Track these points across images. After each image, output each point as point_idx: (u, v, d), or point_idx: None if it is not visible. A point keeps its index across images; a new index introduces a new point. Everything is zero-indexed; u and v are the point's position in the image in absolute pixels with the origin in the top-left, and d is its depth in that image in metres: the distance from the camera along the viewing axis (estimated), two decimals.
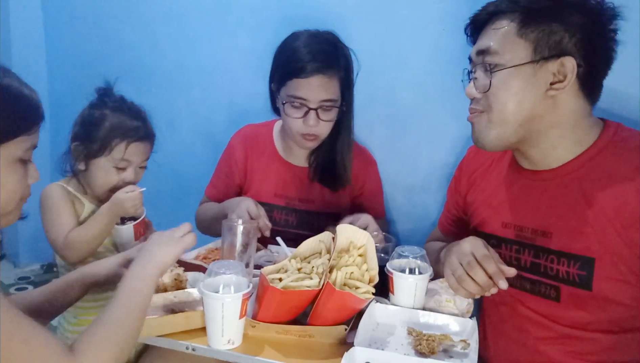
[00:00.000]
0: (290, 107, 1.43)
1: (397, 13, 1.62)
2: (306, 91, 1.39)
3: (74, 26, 2.39)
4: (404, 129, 1.68)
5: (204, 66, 2.06)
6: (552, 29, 0.99)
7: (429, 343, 0.95)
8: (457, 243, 1.09)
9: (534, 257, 1.09)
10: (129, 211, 1.33)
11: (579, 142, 1.05)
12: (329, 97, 1.41)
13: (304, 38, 1.43)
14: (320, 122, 1.42)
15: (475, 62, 1.08)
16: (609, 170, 1.01)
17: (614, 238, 0.98)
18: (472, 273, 1.02)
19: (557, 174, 1.07)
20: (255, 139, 1.63)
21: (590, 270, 1.00)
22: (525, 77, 1.01)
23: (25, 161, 0.87)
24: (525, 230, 1.11)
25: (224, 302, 0.91)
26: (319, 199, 1.59)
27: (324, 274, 1.01)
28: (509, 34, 1.02)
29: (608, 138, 1.04)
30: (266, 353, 0.95)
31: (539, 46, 1.00)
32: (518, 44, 1.01)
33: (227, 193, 1.63)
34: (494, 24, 1.05)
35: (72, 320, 1.41)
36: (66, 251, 1.32)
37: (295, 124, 1.44)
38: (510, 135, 1.05)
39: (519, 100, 1.01)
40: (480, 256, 1.02)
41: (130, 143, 1.35)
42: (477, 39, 1.09)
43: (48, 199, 1.35)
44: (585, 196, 1.02)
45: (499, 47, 1.02)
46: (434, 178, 1.67)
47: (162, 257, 0.94)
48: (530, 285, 1.10)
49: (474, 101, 1.09)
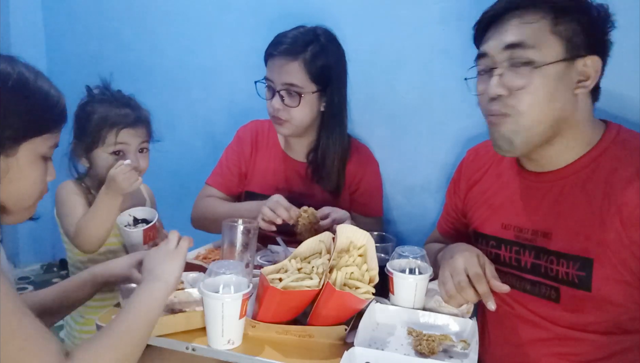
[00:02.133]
0: (265, 88, 1.52)
1: (396, 13, 1.62)
2: (271, 72, 1.47)
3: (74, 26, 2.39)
4: (404, 129, 1.68)
5: (204, 66, 2.06)
6: (581, 25, 0.98)
7: (429, 343, 0.95)
8: (452, 255, 1.08)
9: (534, 258, 1.09)
10: (124, 185, 1.31)
11: (586, 143, 1.04)
12: (291, 81, 1.44)
13: (298, 28, 1.49)
14: (285, 107, 1.46)
15: (498, 58, 1.01)
16: (611, 172, 1.01)
17: (614, 239, 0.97)
18: (463, 294, 1.02)
19: (559, 176, 1.06)
20: (262, 133, 1.66)
21: (589, 271, 0.99)
22: (558, 76, 0.97)
23: (46, 158, 0.92)
24: (525, 231, 1.11)
25: (224, 302, 0.91)
26: (319, 195, 1.59)
27: (324, 274, 1.01)
28: (543, 29, 0.97)
29: (610, 140, 1.04)
30: (266, 354, 0.95)
31: (571, 44, 0.97)
32: (552, 42, 0.97)
33: (233, 181, 1.65)
34: (522, 17, 0.99)
35: (79, 319, 1.43)
36: (78, 239, 1.34)
37: (268, 106, 1.51)
38: (538, 138, 1.01)
39: (552, 99, 0.98)
40: (472, 275, 1.02)
41: (120, 129, 1.38)
42: (494, 32, 1.03)
43: (62, 194, 1.39)
44: (586, 197, 1.02)
45: (535, 42, 0.97)
46: (434, 178, 1.67)
47: (168, 275, 0.96)
48: (530, 286, 1.09)
49: (495, 100, 1.02)
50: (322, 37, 1.48)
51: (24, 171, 0.87)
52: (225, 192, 1.66)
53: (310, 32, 1.48)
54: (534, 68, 0.97)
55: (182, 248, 1.01)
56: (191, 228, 1.67)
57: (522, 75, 0.98)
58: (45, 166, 0.92)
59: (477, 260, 1.05)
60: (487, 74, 1.04)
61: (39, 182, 0.91)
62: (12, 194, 0.87)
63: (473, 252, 1.07)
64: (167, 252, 0.99)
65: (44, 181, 0.92)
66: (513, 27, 1.00)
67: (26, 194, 0.90)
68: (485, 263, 1.05)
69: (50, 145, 0.91)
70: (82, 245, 1.35)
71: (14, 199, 0.89)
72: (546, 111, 0.99)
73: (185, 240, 1.03)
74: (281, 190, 1.60)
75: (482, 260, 1.06)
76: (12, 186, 0.86)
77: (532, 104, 0.98)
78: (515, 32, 0.99)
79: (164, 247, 1.01)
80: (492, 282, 1.02)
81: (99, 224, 1.33)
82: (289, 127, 1.51)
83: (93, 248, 1.34)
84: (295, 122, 1.49)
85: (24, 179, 0.88)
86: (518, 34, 0.99)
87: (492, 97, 1.01)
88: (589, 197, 1.02)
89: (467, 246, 1.13)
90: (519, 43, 0.98)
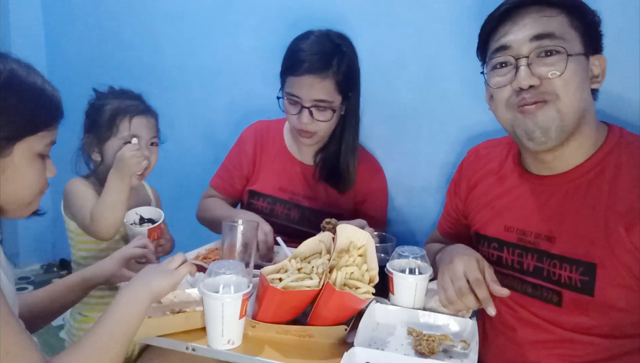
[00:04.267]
0: (287, 103, 1.48)
1: (397, 13, 1.62)
2: (299, 89, 1.43)
3: (74, 26, 2.39)
4: (404, 129, 1.68)
5: (204, 66, 2.06)
6: (593, 24, 1.02)
7: (429, 343, 0.95)
8: (451, 259, 1.07)
9: (536, 261, 1.08)
10: (131, 163, 1.34)
11: (592, 144, 1.04)
12: (322, 97, 1.42)
13: (311, 37, 1.46)
14: (315, 121, 1.45)
15: (523, 50, 1.00)
16: (615, 176, 1.00)
17: (617, 244, 0.97)
18: (464, 299, 1.02)
19: (564, 179, 1.06)
20: (267, 133, 1.66)
21: (593, 276, 0.99)
22: (583, 67, 1.00)
23: (43, 156, 0.91)
24: (528, 234, 1.10)
25: (224, 302, 0.91)
26: (322, 198, 1.59)
27: (324, 274, 1.01)
28: (564, 23, 1.00)
29: (613, 143, 1.04)
30: (266, 354, 0.95)
31: (586, 39, 1.01)
32: (573, 35, 1.00)
33: (233, 184, 1.66)
34: (541, 11, 1.01)
35: (77, 317, 1.44)
36: (94, 225, 1.34)
37: (292, 119, 1.48)
38: (571, 127, 1.00)
39: (583, 88, 1.00)
40: (472, 280, 1.02)
41: (132, 116, 1.41)
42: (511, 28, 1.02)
43: (72, 189, 1.40)
44: (590, 201, 1.02)
45: (563, 34, 0.99)
46: (434, 178, 1.67)
47: (156, 287, 0.95)
48: (532, 289, 1.09)
49: (526, 90, 1.00)
50: (343, 46, 1.46)
51: (20, 171, 0.86)
52: (224, 194, 1.67)
53: (328, 42, 1.44)
54: (567, 55, 0.98)
55: (181, 272, 0.99)
56: (191, 228, 1.68)
57: (555, 63, 0.98)
58: (43, 163, 0.91)
59: (477, 264, 1.04)
60: (509, 67, 1.03)
61: (36, 181, 0.90)
62: (9, 194, 0.87)
63: (472, 256, 1.07)
64: (165, 269, 0.99)
65: (42, 178, 0.91)
66: (536, 20, 1.01)
67: (24, 193, 0.89)
68: (485, 267, 1.05)
69: (47, 143, 0.90)
70: (98, 231, 1.35)
71: (13, 199, 0.88)
72: (579, 98, 1.00)
73: (187, 265, 1.01)
74: (284, 191, 1.61)
75: (482, 264, 1.05)
76: (9, 186, 0.86)
77: (569, 90, 0.98)
78: (541, 24, 1.00)
79: (165, 264, 1.00)
80: (492, 287, 1.01)
81: (111, 207, 1.33)
82: (315, 139, 1.50)
83: (109, 233, 1.35)
84: (322, 133, 1.49)
85: (21, 178, 0.87)
86: (545, 25, 1.00)
87: (522, 87, 1.00)
88: (593, 201, 1.01)
89: (466, 248, 1.12)
90: (549, 34, 0.99)
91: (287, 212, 1.60)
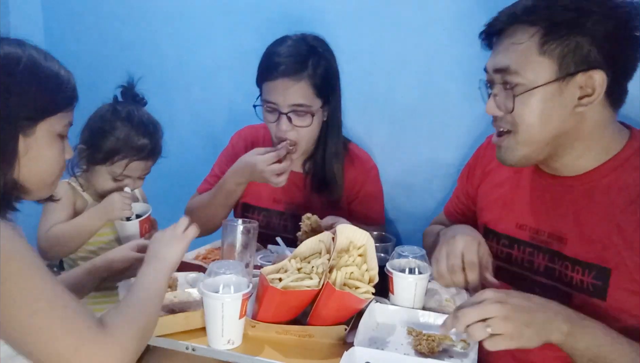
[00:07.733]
0: (266, 111, 1.44)
1: (397, 13, 1.62)
2: (275, 95, 1.38)
3: (74, 26, 2.39)
4: (404, 129, 1.68)
5: (204, 66, 2.06)
6: (577, 42, 0.92)
7: (429, 343, 0.95)
8: (454, 235, 1.07)
9: (548, 262, 1.07)
10: (117, 212, 1.35)
11: (605, 150, 1.01)
12: (299, 101, 1.38)
13: (287, 41, 1.42)
14: (294, 128, 1.40)
15: (493, 78, 1.01)
16: (633, 181, 0.98)
17: (632, 249, 0.95)
18: (453, 276, 1.02)
19: (580, 181, 1.03)
20: (256, 140, 1.62)
21: (606, 280, 0.97)
22: (550, 97, 0.95)
23: (62, 137, 0.95)
24: (541, 233, 1.09)
25: (224, 302, 0.91)
26: (316, 205, 1.55)
27: (324, 274, 1.01)
28: (530, 51, 0.95)
29: (633, 149, 1.00)
30: (266, 353, 0.95)
31: (564, 63, 0.93)
32: (540, 63, 0.94)
33: None
34: (512, 36, 0.97)
35: None
36: (44, 243, 1.33)
37: (272, 128, 1.44)
38: (538, 154, 1.01)
39: (545, 120, 0.96)
40: (467, 261, 1.02)
41: (132, 160, 1.39)
42: (494, 49, 1.02)
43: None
44: (606, 206, 0.99)
45: (520, 67, 0.95)
46: (434, 178, 1.67)
47: (171, 256, 0.98)
48: (539, 289, 1.07)
49: (497, 118, 1.03)
50: (319, 48, 1.42)
51: (42, 150, 0.90)
52: None
53: (304, 44, 1.40)
54: (523, 92, 0.96)
55: (189, 234, 1.04)
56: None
57: (512, 98, 0.97)
58: (62, 144, 0.95)
59: (477, 247, 1.04)
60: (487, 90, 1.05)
61: (57, 160, 0.94)
62: (33, 173, 0.90)
63: (475, 238, 1.06)
64: (173, 235, 1.02)
65: (62, 158, 0.96)
66: (503, 48, 0.99)
67: (47, 172, 0.93)
68: (484, 253, 1.05)
69: (65, 123, 0.95)
70: (47, 250, 1.34)
71: (36, 178, 0.91)
72: (540, 131, 0.98)
73: (194, 227, 1.05)
74: (278, 202, 1.58)
75: (482, 250, 1.05)
76: (33, 165, 0.89)
77: (526, 124, 0.98)
78: (503, 55, 0.99)
79: (172, 230, 1.04)
80: (484, 273, 1.01)
81: (72, 236, 1.34)
82: (299, 151, 1.45)
83: (55, 257, 1.36)
84: (304, 142, 1.44)
85: (43, 157, 0.91)
86: (506, 57, 0.98)
87: (490, 115, 1.04)
88: (610, 206, 0.99)
89: (472, 230, 1.11)
90: (505, 68, 0.98)
91: (284, 224, 1.58)
